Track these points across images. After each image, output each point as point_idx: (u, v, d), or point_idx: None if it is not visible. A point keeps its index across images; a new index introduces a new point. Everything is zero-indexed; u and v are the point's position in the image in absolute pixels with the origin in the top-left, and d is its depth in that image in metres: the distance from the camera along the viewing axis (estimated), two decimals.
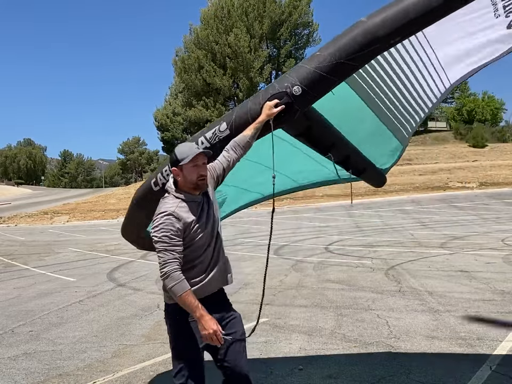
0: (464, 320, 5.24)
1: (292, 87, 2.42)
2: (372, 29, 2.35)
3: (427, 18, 2.36)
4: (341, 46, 2.37)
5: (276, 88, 2.49)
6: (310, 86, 2.42)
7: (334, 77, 2.42)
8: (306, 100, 2.48)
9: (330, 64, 2.37)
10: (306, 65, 2.42)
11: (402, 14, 2.31)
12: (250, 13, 48.34)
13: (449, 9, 2.37)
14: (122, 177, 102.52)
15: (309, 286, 7.34)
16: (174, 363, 2.58)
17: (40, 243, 15.79)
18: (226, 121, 2.61)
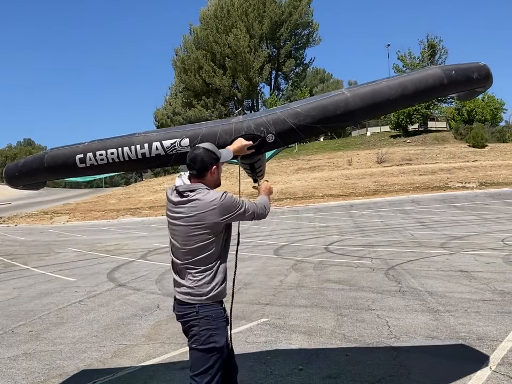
0: (464, 320, 5.24)
1: (267, 134, 2.63)
2: (351, 105, 2.59)
3: (397, 104, 2.76)
4: (320, 112, 2.58)
5: (251, 129, 2.66)
6: (282, 137, 2.65)
7: (305, 135, 2.70)
8: (273, 146, 2.72)
9: (307, 125, 2.59)
10: (286, 118, 2.62)
11: (378, 96, 2.64)
12: (250, 13, 48.36)
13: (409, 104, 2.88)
14: (122, 177, 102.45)
15: (309, 286, 7.34)
16: (203, 361, 2.57)
17: (40, 243, 15.79)
18: (190, 138, 2.68)
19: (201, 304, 2.57)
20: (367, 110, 2.63)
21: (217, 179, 2.67)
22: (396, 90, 2.62)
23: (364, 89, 2.64)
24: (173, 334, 5.26)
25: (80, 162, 2.73)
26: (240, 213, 2.59)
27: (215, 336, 2.55)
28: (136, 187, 46.14)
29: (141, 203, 31.86)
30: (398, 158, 39.25)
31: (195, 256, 2.57)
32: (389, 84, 2.65)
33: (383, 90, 2.63)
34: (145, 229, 19.18)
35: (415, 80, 2.66)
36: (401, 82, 2.66)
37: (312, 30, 52.50)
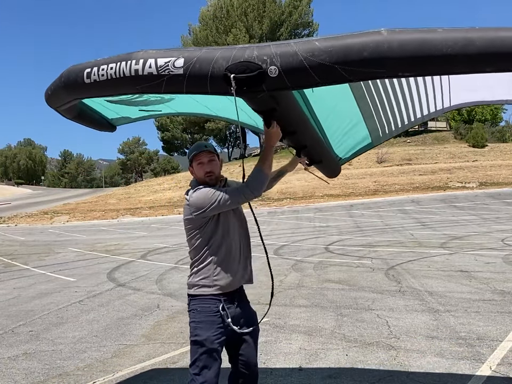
0: (464, 320, 5.24)
1: (269, 66, 2.06)
2: (383, 50, 1.96)
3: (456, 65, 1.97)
4: (341, 49, 1.99)
5: (252, 57, 2.09)
6: (289, 74, 2.06)
7: (319, 78, 2.05)
8: (278, 85, 2.11)
9: (322, 62, 2.00)
10: (296, 49, 2.03)
11: (427, 48, 1.93)
12: (249, 13, 48.37)
13: (482, 68, 1.98)
14: (122, 177, 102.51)
15: (309, 286, 7.34)
16: (192, 354, 2.62)
17: (40, 243, 15.79)
18: (185, 59, 2.22)
19: (191, 296, 2.65)
20: (405, 62, 1.97)
21: (197, 178, 2.67)
22: (453, 43, 1.91)
23: (408, 34, 1.97)
24: (173, 334, 5.26)
25: (86, 77, 2.44)
26: (214, 207, 2.52)
27: (198, 329, 2.58)
28: (136, 187, 46.14)
29: (141, 203, 31.87)
30: (398, 158, 39.28)
31: (190, 249, 2.69)
32: (445, 33, 1.95)
33: (434, 41, 1.94)
34: (145, 229, 19.18)
35: (491, 37, 1.89)
36: (464, 35, 1.92)
37: (312, 30, 52.50)
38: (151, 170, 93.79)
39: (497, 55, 1.87)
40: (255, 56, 2.09)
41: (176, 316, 5.98)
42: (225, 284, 2.62)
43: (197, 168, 2.65)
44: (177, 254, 11.34)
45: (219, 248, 2.63)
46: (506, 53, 1.87)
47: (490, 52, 1.88)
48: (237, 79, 2.09)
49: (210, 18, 49.79)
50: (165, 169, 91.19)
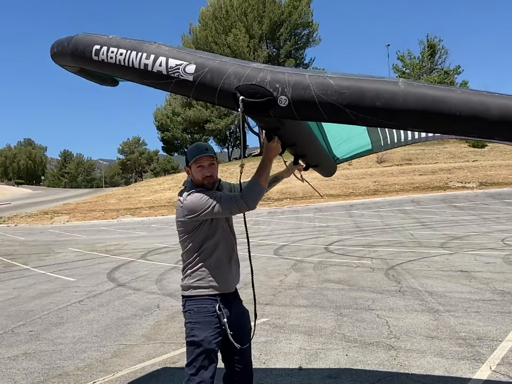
0: (464, 320, 5.24)
1: (280, 95, 2.02)
2: (398, 103, 1.91)
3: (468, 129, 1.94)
4: (355, 94, 1.94)
5: (265, 81, 2.05)
6: (298, 107, 2.03)
7: (327, 116, 2.03)
8: (285, 114, 2.09)
9: (333, 103, 1.96)
10: (309, 82, 1.99)
11: (441, 107, 1.88)
12: (249, 13, 48.35)
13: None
14: (122, 177, 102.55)
15: (309, 286, 7.34)
16: (189, 354, 2.64)
17: (40, 243, 15.79)
18: (197, 66, 2.18)
19: (187, 297, 2.65)
20: (418, 118, 1.92)
21: (194, 180, 2.65)
22: (469, 107, 1.85)
23: (424, 89, 1.91)
24: (173, 334, 5.26)
25: (94, 54, 2.41)
26: (207, 212, 2.51)
27: (195, 330, 2.60)
28: (136, 187, 46.13)
29: (141, 203, 31.87)
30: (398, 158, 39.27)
31: (182, 250, 2.69)
32: (464, 95, 1.88)
33: (451, 101, 1.87)
34: (145, 229, 19.18)
35: (505, 106, 1.81)
36: (483, 101, 1.84)
37: (312, 30, 52.48)
38: (151, 170, 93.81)
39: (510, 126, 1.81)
40: (267, 82, 2.05)
41: (176, 316, 5.98)
42: (220, 285, 2.64)
43: (196, 171, 2.63)
44: (177, 254, 11.33)
45: (213, 251, 2.64)
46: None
47: (506, 122, 1.80)
48: (245, 102, 2.07)
49: (210, 18, 49.76)
50: (165, 169, 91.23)
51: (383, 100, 1.90)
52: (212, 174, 2.63)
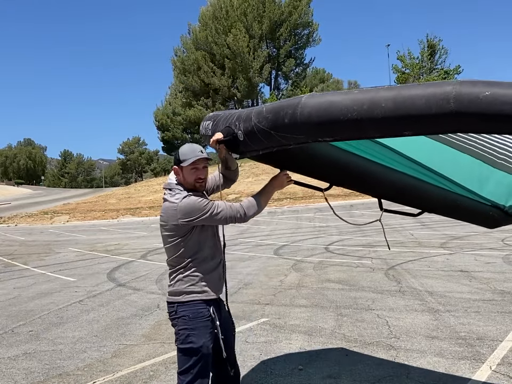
0: (464, 320, 5.24)
1: (238, 131, 2.29)
2: (296, 116, 1.91)
3: (361, 129, 1.82)
4: (273, 116, 2.03)
5: (232, 121, 2.35)
6: (249, 138, 2.24)
7: (268, 142, 2.15)
8: (248, 148, 2.31)
9: (264, 128, 2.09)
10: (253, 116, 2.17)
11: (333, 112, 1.83)
12: (249, 13, 48.31)
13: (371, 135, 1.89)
14: (122, 177, 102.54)
15: (309, 286, 7.34)
16: (183, 361, 2.58)
17: (40, 243, 15.79)
18: (212, 121, 2.64)
19: (179, 303, 2.58)
20: (314, 129, 1.87)
21: (185, 182, 2.57)
22: (360, 105, 1.71)
23: (321, 98, 1.86)
24: (173, 334, 5.22)
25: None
26: (205, 218, 2.47)
27: (192, 336, 2.54)
28: (136, 187, 46.11)
29: (141, 203, 31.86)
30: None
31: (170, 256, 2.60)
32: (355, 96, 1.76)
33: (342, 103, 1.77)
34: (145, 229, 19.18)
35: (398, 97, 1.65)
36: (374, 97, 1.71)
37: (312, 30, 52.42)
38: (151, 170, 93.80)
39: (405, 117, 1.65)
40: (233, 122, 2.33)
41: None
42: (213, 290, 2.61)
43: (189, 173, 2.55)
44: None
45: (206, 256, 2.60)
46: (412, 115, 1.63)
47: (398, 115, 1.65)
48: (223, 142, 2.41)
49: (210, 18, 49.72)
50: (165, 169, 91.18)
51: (288, 116, 1.93)
52: (205, 177, 2.61)
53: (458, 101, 1.54)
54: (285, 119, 1.95)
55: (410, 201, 3.14)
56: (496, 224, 3.42)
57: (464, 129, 1.70)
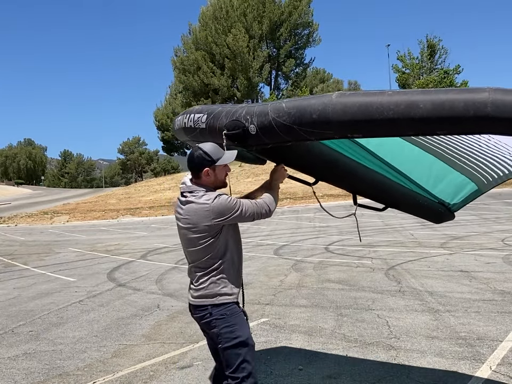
0: (464, 320, 5.24)
1: (250, 124, 2.33)
2: (328, 113, 2.05)
3: (397, 128, 1.98)
4: (298, 111, 2.16)
5: (241, 115, 2.38)
6: (263, 132, 2.30)
7: (286, 137, 2.26)
8: (258, 142, 2.38)
9: (284, 123, 2.20)
10: (270, 111, 2.27)
11: (365, 109, 1.96)
12: (249, 13, 48.32)
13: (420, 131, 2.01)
14: (122, 177, 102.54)
15: (309, 286, 7.34)
16: (233, 358, 2.56)
17: (40, 243, 15.79)
18: (207, 115, 2.58)
19: (213, 304, 2.56)
20: (347, 125, 2.02)
21: (216, 181, 2.59)
22: (396, 106, 1.90)
23: (353, 97, 2.02)
24: (173, 334, 5.26)
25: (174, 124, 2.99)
26: (236, 216, 2.52)
27: (236, 331, 2.56)
28: (136, 187, 46.11)
29: (141, 203, 31.85)
30: None
31: (199, 258, 2.57)
32: (390, 97, 1.93)
33: (376, 104, 1.94)
34: (145, 229, 19.17)
35: (435, 101, 1.85)
36: (410, 99, 1.89)
37: (312, 30, 52.43)
38: (151, 170, 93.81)
39: (442, 118, 1.86)
40: (242, 115, 2.38)
41: (176, 316, 5.98)
42: (237, 292, 2.65)
43: (222, 171, 2.60)
44: (177, 254, 11.33)
45: (233, 257, 2.63)
46: (451, 117, 1.84)
47: (435, 116, 1.86)
48: (228, 135, 2.41)
49: (210, 18, 49.72)
50: (165, 169, 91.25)
51: (318, 112, 2.08)
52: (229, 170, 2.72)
53: (495, 106, 1.76)
54: (313, 115, 2.09)
55: (377, 196, 3.30)
56: (442, 219, 3.79)
57: (496, 131, 1.88)
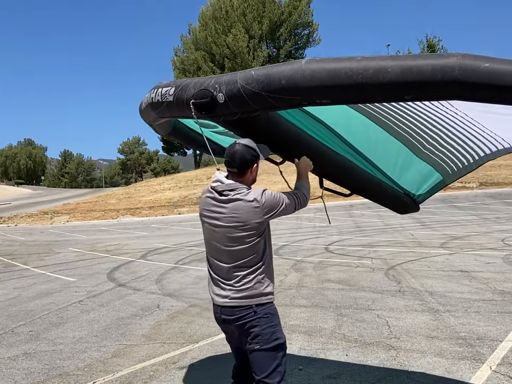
0: (464, 320, 5.24)
1: (218, 93, 2.27)
2: (297, 79, 2.02)
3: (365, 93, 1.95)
4: (267, 78, 2.12)
5: (210, 84, 2.30)
6: (232, 100, 2.24)
7: (254, 105, 2.20)
8: (227, 111, 2.31)
9: (253, 90, 2.15)
10: (238, 79, 2.21)
11: (334, 75, 1.94)
12: (249, 13, 48.35)
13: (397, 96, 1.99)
14: (122, 177, 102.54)
15: (309, 286, 7.34)
16: (271, 361, 2.52)
17: (40, 243, 15.79)
18: (175, 87, 2.47)
19: (258, 303, 2.50)
20: (316, 91, 2.00)
21: (253, 177, 2.58)
22: (364, 71, 1.88)
23: (323, 63, 1.99)
24: (173, 334, 5.26)
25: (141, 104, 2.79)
26: (282, 209, 2.51)
27: (277, 332, 2.52)
28: (136, 187, 46.10)
29: (141, 203, 31.85)
30: None
31: (245, 256, 2.49)
32: (359, 63, 1.91)
33: (345, 69, 1.92)
34: (145, 229, 19.17)
35: (403, 66, 1.85)
36: (379, 64, 1.88)
37: (312, 30, 52.47)
38: (151, 170, 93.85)
39: (410, 83, 1.86)
40: (211, 85, 2.31)
41: (176, 316, 5.98)
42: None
43: (257, 170, 2.59)
44: (177, 254, 11.34)
45: (271, 253, 2.61)
46: (419, 81, 1.85)
47: (403, 81, 1.86)
48: (196, 105, 2.33)
49: (210, 18, 49.75)
50: (165, 169, 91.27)
51: (286, 78, 2.06)
52: None
53: (462, 70, 1.76)
54: (282, 81, 2.07)
55: (344, 182, 3.33)
56: (407, 210, 3.78)
57: (463, 96, 1.87)
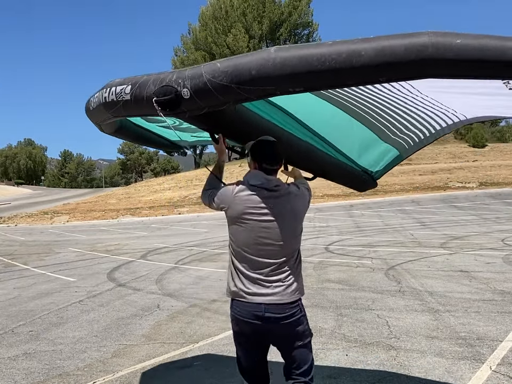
0: (464, 320, 5.24)
1: (182, 88, 2.16)
2: (267, 68, 1.96)
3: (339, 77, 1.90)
4: (235, 69, 2.05)
5: (172, 80, 2.20)
6: (198, 95, 2.16)
7: (222, 96, 2.13)
8: (193, 106, 2.22)
9: (220, 83, 2.07)
10: (202, 71, 2.12)
11: (306, 61, 1.89)
12: (249, 13, 48.37)
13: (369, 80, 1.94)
14: (122, 177, 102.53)
15: (309, 286, 7.34)
16: (308, 357, 2.56)
17: (40, 243, 15.79)
18: (132, 85, 2.35)
19: (299, 300, 2.49)
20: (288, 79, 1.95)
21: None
22: (338, 56, 1.84)
23: (293, 50, 1.95)
24: (173, 334, 5.26)
25: (89, 104, 2.64)
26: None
27: (309, 329, 2.57)
28: (136, 187, 46.12)
29: (141, 203, 31.86)
30: None
31: (295, 248, 2.48)
32: (331, 47, 1.87)
33: (317, 55, 1.87)
34: (145, 229, 19.17)
35: (376, 48, 1.80)
36: (351, 48, 1.84)
37: (312, 30, 52.54)
38: (151, 170, 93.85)
39: (385, 64, 1.81)
40: (173, 80, 2.20)
41: (176, 316, 5.98)
42: None
43: None
44: (177, 254, 11.34)
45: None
46: (393, 62, 1.80)
47: (377, 62, 1.81)
48: (159, 102, 2.21)
49: (210, 18, 49.76)
50: (165, 169, 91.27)
51: (256, 68, 1.99)
52: None
53: (435, 48, 1.74)
54: (252, 71, 1.99)
55: (306, 166, 3.25)
56: (366, 187, 3.98)
57: (438, 74, 1.85)
